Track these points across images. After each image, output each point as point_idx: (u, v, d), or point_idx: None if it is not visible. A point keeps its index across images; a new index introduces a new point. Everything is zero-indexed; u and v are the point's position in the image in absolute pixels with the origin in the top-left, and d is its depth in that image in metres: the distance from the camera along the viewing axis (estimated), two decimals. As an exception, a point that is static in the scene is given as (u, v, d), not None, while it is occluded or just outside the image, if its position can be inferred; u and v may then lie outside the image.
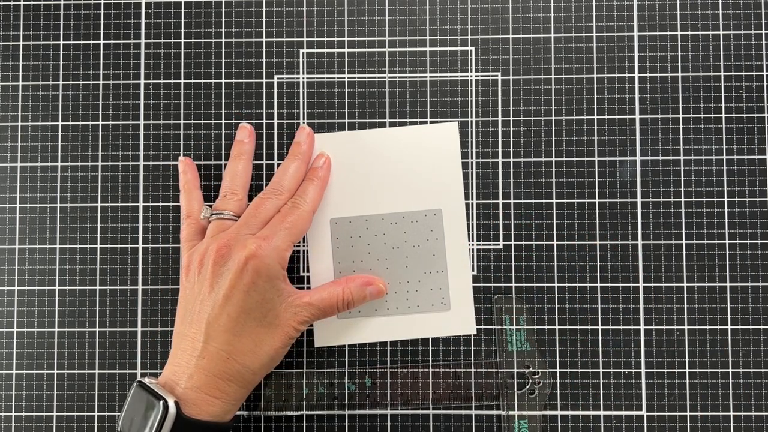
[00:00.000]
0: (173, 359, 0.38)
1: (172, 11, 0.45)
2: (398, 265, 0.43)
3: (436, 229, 0.43)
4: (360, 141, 0.43)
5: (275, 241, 0.38)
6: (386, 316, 0.43)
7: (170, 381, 0.37)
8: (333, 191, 0.43)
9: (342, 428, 0.43)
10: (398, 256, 0.43)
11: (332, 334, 0.43)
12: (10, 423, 0.44)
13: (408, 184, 0.43)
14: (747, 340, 0.43)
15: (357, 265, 0.43)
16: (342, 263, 0.43)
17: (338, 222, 0.43)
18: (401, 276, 0.43)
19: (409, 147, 0.43)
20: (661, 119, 0.44)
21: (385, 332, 0.43)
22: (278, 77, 0.45)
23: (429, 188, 0.43)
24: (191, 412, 0.36)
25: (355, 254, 0.43)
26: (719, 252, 0.43)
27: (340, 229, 0.43)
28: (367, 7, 0.45)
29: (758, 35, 0.44)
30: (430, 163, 0.43)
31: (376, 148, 0.43)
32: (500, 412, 0.43)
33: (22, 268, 0.44)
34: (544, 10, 0.45)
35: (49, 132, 0.45)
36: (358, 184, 0.43)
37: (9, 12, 0.45)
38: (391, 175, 0.43)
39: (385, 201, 0.43)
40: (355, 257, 0.43)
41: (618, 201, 0.44)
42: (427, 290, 0.43)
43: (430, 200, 0.43)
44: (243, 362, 0.37)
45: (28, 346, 0.44)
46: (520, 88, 0.44)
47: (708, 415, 0.43)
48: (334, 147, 0.43)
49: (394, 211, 0.43)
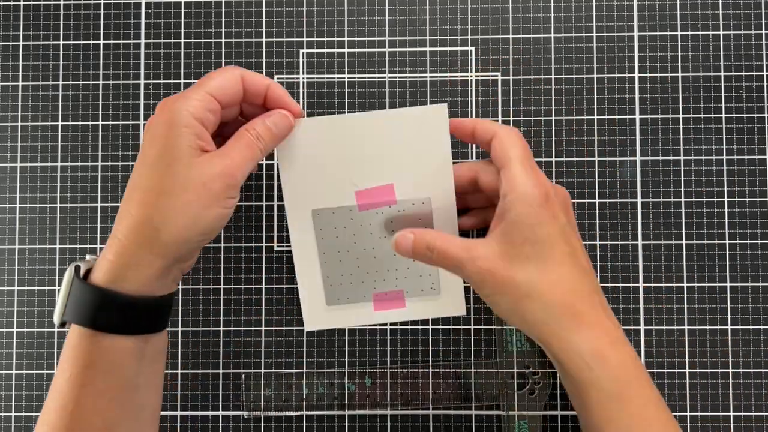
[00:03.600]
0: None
1: (172, 11, 0.45)
2: (387, 252, 0.42)
3: (425, 218, 0.41)
4: (342, 126, 0.40)
5: (191, 94, 0.35)
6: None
7: (101, 256, 0.34)
8: (314, 180, 0.41)
9: (342, 428, 0.43)
10: (386, 243, 0.42)
11: (322, 318, 0.43)
12: (10, 423, 0.44)
13: (394, 171, 0.41)
14: (747, 340, 0.43)
15: (343, 255, 0.42)
16: (327, 254, 0.42)
17: (320, 213, 0.42)
18: (390, 264, 0.43)
19: (395, 131, 0.40)
20: (661, 119, 0.44)
21: (375, 317, 0.43)
22: (278, 77, 0.45)
23: (417, 175, 0.41)
24: (124, 285, 0.33)
25: (340, 245, 0.42)
26: (719, 252, 0.43)
27: (323, 220, 0.42)
28: (367, 7, 0.45)
29: (758, 35, 0.44)
30: (418, 147, 0.40)
31: (359, 133, 0.40)
32: (500, 412, 0.43)
33: (22, 268, 0.44)
34: (544, 10, 0.45)
35: (49, 132, 0.45)
36: (340, 172, 0.41)
37: (9, 12, 0.45)
38: (376, 162, 0.41)
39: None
40: (341, 248, 0.42)
41: (618, 201, 0.44)
42: (416, 277, 0.43)
43: (418, 188, 0.41)
44: (154, 219, 0.34)
45: (28, 346, 0.44)
46: (520, 88, 0.44)
47: (708, 415, 0.43)
48: (315, 133, 0.40)
49: None
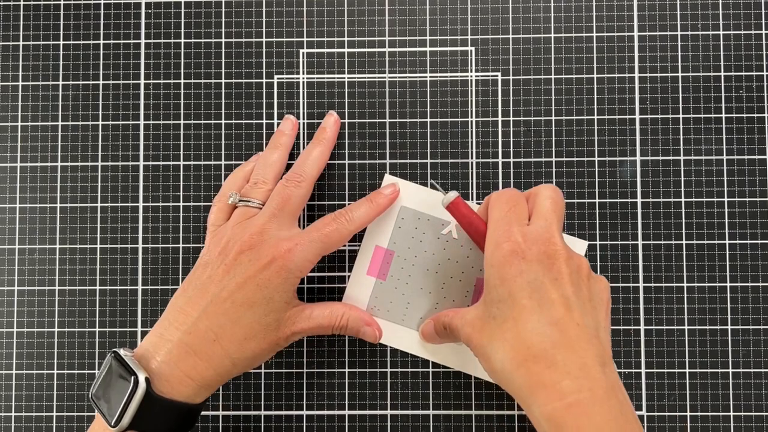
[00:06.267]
0: (158, 328, 0.37)
1: (172, 11, 0.45)
2: (437, 287, 0.43)
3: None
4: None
5: (306, 250, 0.38)
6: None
7: (147, 353, 0.36)
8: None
9: (342, 428, 0.43)
10: (438, 280, 0.43)
11: None
12: (10, 423, 0.44)
13: None
14: (747, 340, 0.43)
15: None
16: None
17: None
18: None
19: None
20: (661, 119, 0.44)
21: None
22: (278, 77, 0.45)
23: None
24: (162, 388, 0.35)
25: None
26: (719, 252, 0.43)
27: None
28: (367, 7, 0.45)
29: (758, 35, 0.44)
30: None
31: None
32: (500, 412, 0.43)
33: (22, 268, 0.44)
34: (544, 10, 0.45)
35: (49, 132, 0.45)
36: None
37: (9, 12, 0.45)
38: None
39: None
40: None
41: (618, 201, 0.44)
42: None
43: None
44: (227, 349, 0.36)
45: (28, 346, 0.44)
46: (520, 88, 0.44)
47: (708, 415, 0.43)
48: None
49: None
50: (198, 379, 0.36)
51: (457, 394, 0.43)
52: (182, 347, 0.36)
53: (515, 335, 0.32)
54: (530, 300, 0.32)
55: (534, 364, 0.31)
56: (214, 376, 0.36)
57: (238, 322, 0.37)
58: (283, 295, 0.37)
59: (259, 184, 0.41)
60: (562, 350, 0.31)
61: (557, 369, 0.31)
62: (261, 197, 0.41)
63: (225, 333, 0.36)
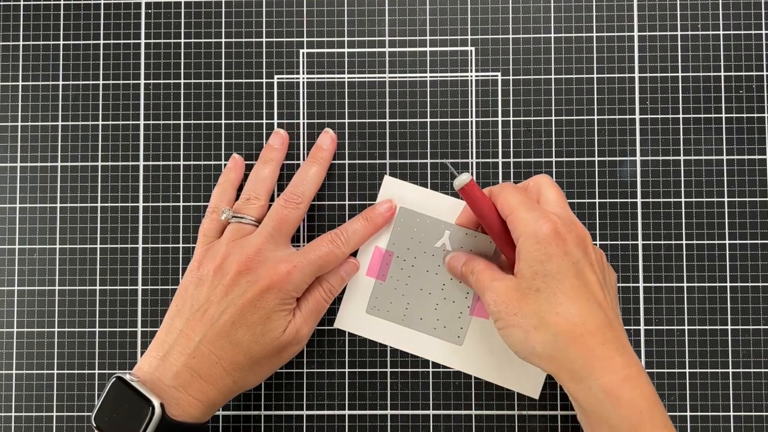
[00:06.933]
0: (158, 350, 0.38)
1: (172, 11, 0.45)
2: (437, 288, 0.43)
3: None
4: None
5: (303, 272, 0.39)
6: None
7: (154, 378, 0.37)
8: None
9: (342, 428, 0.43)
10: (438, 282, 0.43)
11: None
12: (10, 423, 0.44)
13: None
14: (747, 340, 0.43)
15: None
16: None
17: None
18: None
19: None
20: (661, 119, 0.44)
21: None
22: (278, 77, 0.45)
23: None
24: (174, 412, 0.36)
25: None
26: (719, 252, 0.43)
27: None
28: (367, 7, 0.45)
29: (758, 35, 0.44)
30: None
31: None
32: (500, 412, 0.43)
33: (22, 268, 0.44)
34: (544, 10, 0.45)
35: (49, 132, 0.45)
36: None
37: (9, 12, 0.45)
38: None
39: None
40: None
41: (618, 201, 0.44)
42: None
43: None
44: (228, 369, 0.37)
45: (28, 346, 0.44)
46: (520, 88, 0.44)
47: (708, 415, 0.43)
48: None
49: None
50: (205, 400, 0.37)
51: (457, 394, 0.43)
52: (188, 371, 0.37)
53: (568, 309, 0.34)
54: (578, 279, 0.35)
55: (591, 338, 0.34)
56: (218, 396, 0.38)
57: (239, 345, 0.37)
58: (280, 314, 0.38)
59: (251, 200, 0.42)
60: (608, 330, 0.34)
61: (609, 346, 0.34)
62: (254, 214, 0.41)
63: (226, 355, 0.37)
